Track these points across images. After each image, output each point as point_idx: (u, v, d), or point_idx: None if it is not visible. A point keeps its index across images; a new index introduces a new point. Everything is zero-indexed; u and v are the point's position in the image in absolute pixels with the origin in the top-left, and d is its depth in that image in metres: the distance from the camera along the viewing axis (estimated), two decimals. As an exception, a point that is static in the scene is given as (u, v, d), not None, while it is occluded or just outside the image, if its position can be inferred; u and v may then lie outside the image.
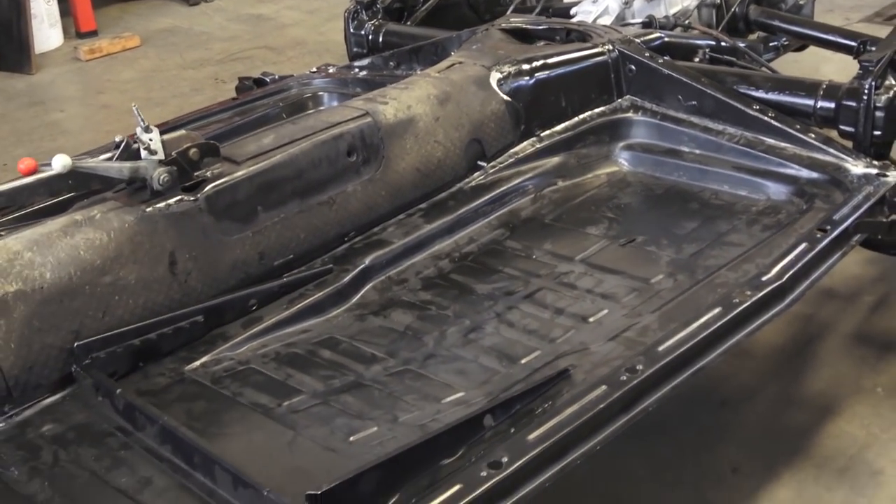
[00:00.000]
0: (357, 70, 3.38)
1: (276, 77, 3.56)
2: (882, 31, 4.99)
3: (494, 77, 2.69)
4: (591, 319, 2.10)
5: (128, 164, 2.01)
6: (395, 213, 2.47)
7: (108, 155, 2.05)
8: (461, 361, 2.01)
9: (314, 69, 3.52)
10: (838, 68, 4.22)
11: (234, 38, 5.85)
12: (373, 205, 2.43)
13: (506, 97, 2.68)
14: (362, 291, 2.26)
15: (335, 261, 2.31)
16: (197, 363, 2.00)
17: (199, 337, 2.05)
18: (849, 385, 2.64)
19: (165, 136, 2.09)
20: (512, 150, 2.70)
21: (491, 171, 2.65)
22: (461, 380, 1.95)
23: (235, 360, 2.02)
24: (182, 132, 2.17)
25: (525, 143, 2.72)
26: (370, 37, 3.53)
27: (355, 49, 3.58)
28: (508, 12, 3.53)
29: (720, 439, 2.51)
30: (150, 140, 2.04)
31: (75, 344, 1.89)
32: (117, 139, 2.06)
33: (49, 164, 1.95)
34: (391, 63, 3.31)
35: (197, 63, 5.50)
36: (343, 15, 3.66)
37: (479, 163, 2.64)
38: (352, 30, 3.56)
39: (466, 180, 2.62)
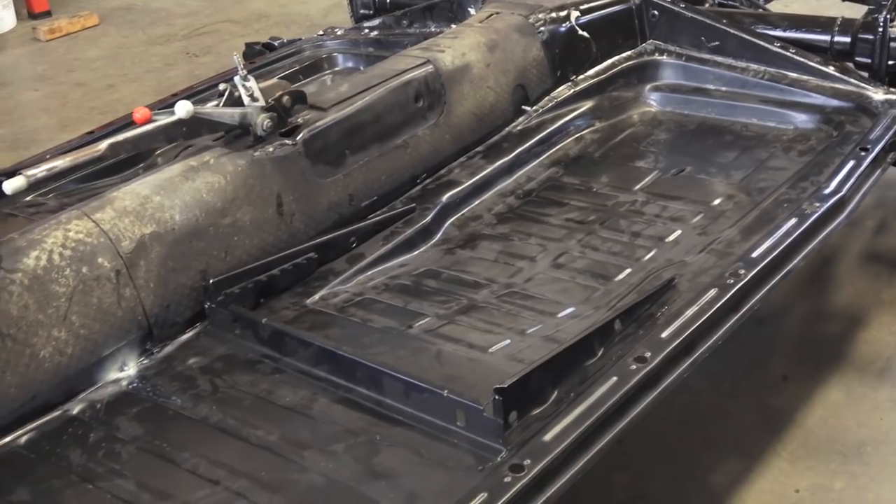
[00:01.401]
0: (367, 31, 3.47)
1: (285, 40, 3.62)
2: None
3: (532, 25, 2.83)
4: (667, 240, 2.27)
5: (238, 111, 2.09)
6: (457, 156, 2.60)
7: (215, 102, 2.12)
8: (560, 282, 2.15)
9: (321, 32, 3.59)
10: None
11: (195, 14, 5.84)
12: (439, 147, 2.54)
13: (543, 43, 2.82)
14: (444, 227, 2.38)
15: (414, 200, 2.42)
16: (316, 296, 2.09)
17: (311, 272, 2.15)
18: (870, 298, 2.87)
19: (261, 85, 2.16)
20: (551, 95, 2.84)
21: (534, 114, 2.79)
22: (566, 297, 2.09)
23: (350, 293, 2.12)
24: (273, 80, 2.25)
25: (561, 87, 2.87)
26: (377, -2, 3.61)
27: (362, 11, 3.65)
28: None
29: (766, 352, 2.71)
30: (252, 88, 2.11)
31: (211, 281, 1.96)
32: (221, 87, 2.13)
33: (167, 112, 2.01)
34: (404, 22, 3.41)
35: (162, 39, 5.48)
36: (348, -22, 3.74)
37: (524, 107, 2.78)
38: (357, -9, 3.64)
39: (514, 123, 2.75)
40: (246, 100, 2.12)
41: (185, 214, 1.98)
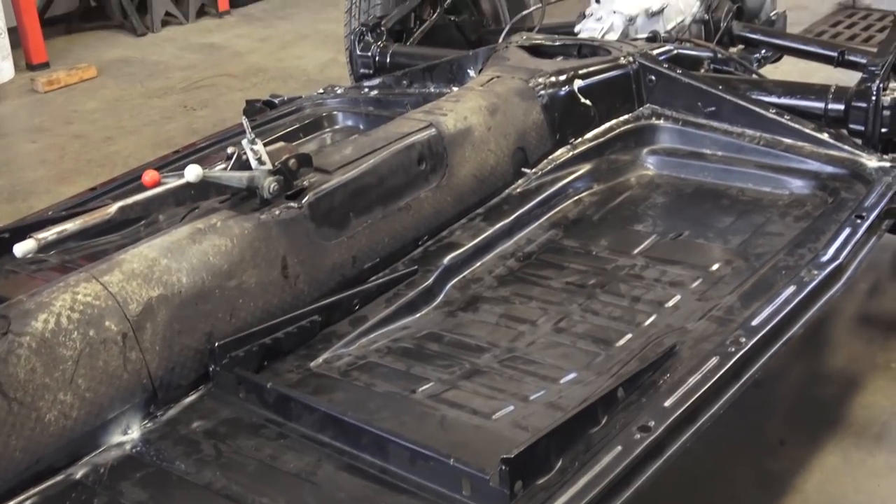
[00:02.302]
0: (367, 90, 3.52)
1: (286, 98, 3.67)
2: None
3: (532, 89, 2.88)
4: (667, 305, 2.29)
5: (246, 174, 2.11)
6: (458, 218, 2.62)
7: (223, 166, 2.14)
8: (562, 347, 2.17)
9: (321, 90, 3.64)
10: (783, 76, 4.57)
11: (192, 67, 5.89)
12: (441, 209, 2.57)
13: (543, 107, 2.87)
14: (446, 290, 2.40)
15: (414, 263, 2.44)
16: (319, 359, 2.10)
17: (314, 335, 2.16)
18: (865, 362, 2.90)
19: (268, 148, 2.19)
20: (550, 157, 2.88)
21: (534, 177, 2.82)
22: (568, 362, 2.10)
23: (353, 356, 2.13)
24: (280, 144, 2.27)
25: (561, 150, 2.91)
26: (377, 58, 3.67)
27: (362, 70, 3.71)
28: (504, 33, 3.72)
29: (763, 416, 2.72)
30: (259, 151, 2.14)
31: (216, 344, 1.97)
32: (229, 151, 2.16)
33: (175, 175, 2.03)
34: (404, 82, 3.46)
35: (160, 92, 5.52)
36: (347, 38, 3.80)
37: (524, 169, 2.82)
38: (358, 51, 3.69)
39: (514, 186, 2.78)
40: (254, 163, 2.15)
41: (191, 277, 1.99)
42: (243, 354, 2.01)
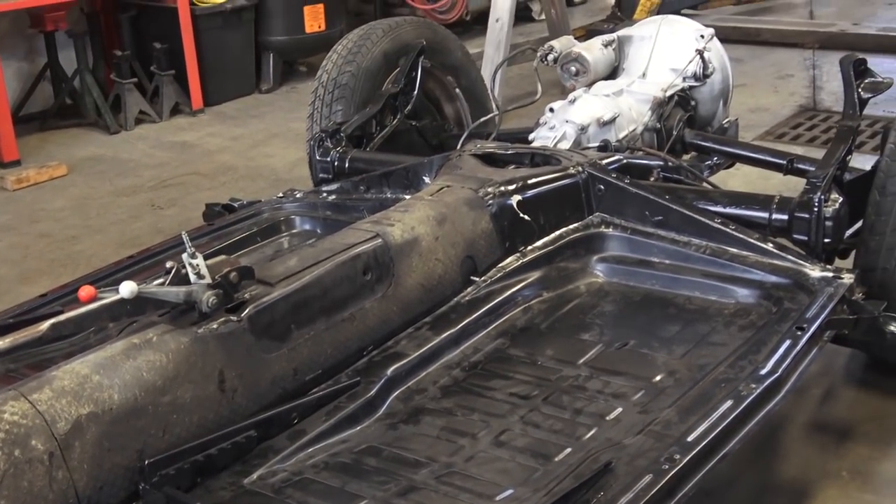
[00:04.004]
0: (325, 194, 3.56)
1: (245, 202, 3.70)
2: (776, 148, 5.48)
3: (482, 199, 2.91)
4: (608, 417, 2.29)
5: (183, 289, 2.12)
6: (404, 327, 2.63)
7: (161, 280, 2.15)
8: (500, 462, 2.16)
9: (281, 194, 3.68)
10: (742, 182, 4.66)
11: (163, 165, 5.94)
12: (386, 319, 2.58)
13: (492, 216, 2.90)
14: (388, 401, 2.40)
15: (359, 373, 2.44)
16: (254, 476, 2.08)
17: (251, 450, 2.14)
18: (816, 470, 2.89)
19: (209, 262, 2.21)
20: (500, 265, 2.90)
21: (483, 285, 2.84)
22: (505, 478, 2.10)
23: (289, 472, 2.11)
24: (222, 257, 2.29)
25: (510, 258, 2.93)
26: (336, 163, 3.71)
27: (321, 175, 3.75)
28: (462, 139, 3.79)
29: (713, 527, 2.70)
30: (199, 265, 2.16)
31: (146, 462, 1.95)
32: (168, 265, 2.17)
33: (111, 291, 2.04)
34: (361, 187, 3.51)
35: (129, 190, 5.56)
36: (308, 143, 3.85)
37: (473, 277, 2.84)
38: (318, 157, 3.74)
39: (462, 294, 2.80)
40: (193, 277, 2.16)
41: (124, 393, 1.99)
42: (174, 472, 1.99)
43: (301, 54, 7.71)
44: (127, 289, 2.00)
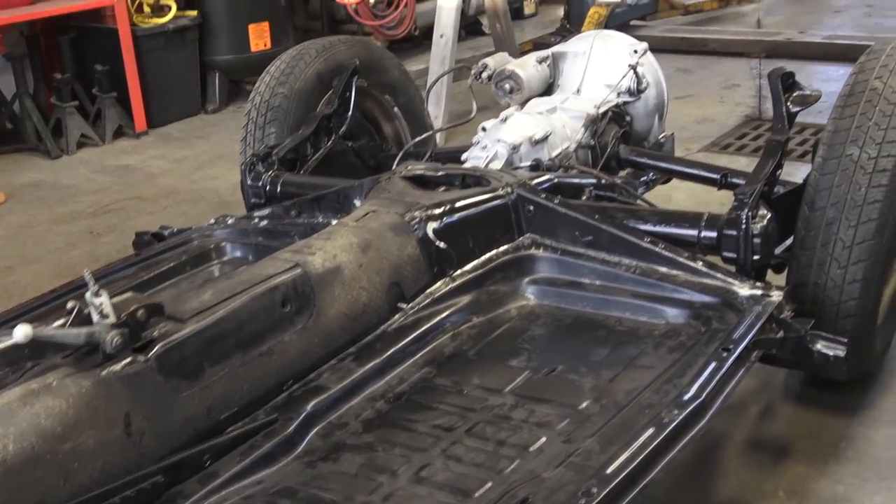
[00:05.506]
0: (257, 220, 3.49)
1: (175, 230, 3.63)
2: (720, 160, 5.51)
3: (408, 223, 2.86)
4: (531, 448, 2.24)
5: (84, 330, 2.05)
6: (327, 359, 2.56)
7: (62, 322, 2.08)
8: (419, 499, 2.10)
9: (212, 220, 3.60)
10: (687, 195, 4.66)
11: (104, 190, 5.84)
12: (307, 352, 2.51)
13: (419, 241, 2.85)
14: (307, 438, 2.33)
15: (277, 410, 2.37)
16: (161, 523, 2.01)
17: (159, 496, 2.07)
18: (753, 490, 2.85)
19: (114, 300, 2.13)
20: (428, 291, 2.85)
21: (410, 311, 2.78)
22: (423, 517, 2.04)
23: (198, 518, 2.05)
24: (129, 294, 2.21)
25: (439, 283, 2.87)
26: (268, 187, 3.65)
27: (253, 200, 3.68)
28: (397, 160, 3.74)
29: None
30: (102, 304, 2.08)
31: (43, 514, 1.88)
32: (69, 305, 2.09)
33: (4, 334, 1.96)
34: (293, 212, 3.44)
35: (68, 217, 5.46)
36: (239, 168, 3.78)
37: (400, 304, 2.78)
38: (249, 182, 3.67)
39: (389, 322, 2.74)
40: (95, 317, 2.09)
41: (20, 443, 1.91)
42: (73, 524, 1.91)
43: (247, 73, 7.62)
44: (21, 332, 1.92)
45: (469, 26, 9.13)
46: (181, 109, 7.19)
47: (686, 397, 2.25)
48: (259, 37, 7.36)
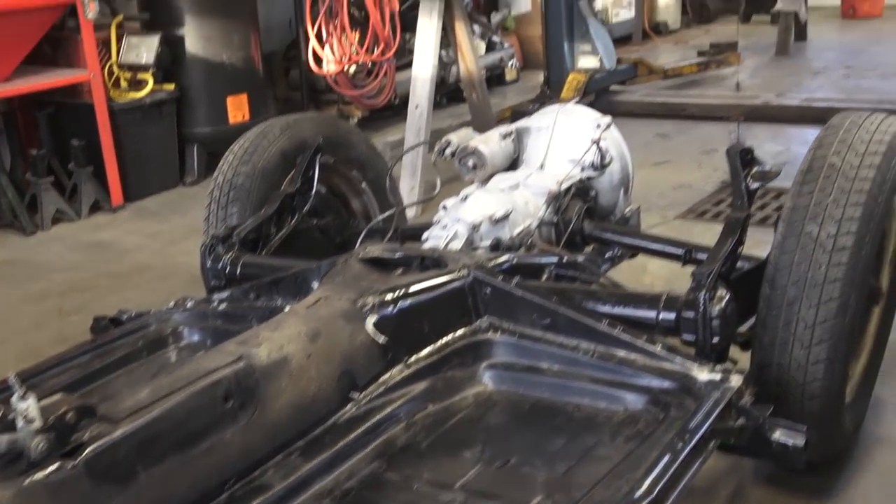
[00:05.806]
0: (216, 303, 3.43)
1: (133, 314, 3.56)
2: (696, 227, 5.48)
3: (360, 310, 2.80)
4: (477, 549, 2.16)
5: (5, 438, 1.97)
6: (273, 454, 2.48)
7: (-17, 428, 2.01)
8: None
9: (171, 304, 3.53)
10: (660, 265, 4.60)
11: (76, 268, 5.79)
12: (251, 448, 2.43)
13: (372, 328, 2.78)
14: (248, 541, 2.25)
15: (218, 511, 2.29)
16: None
17: None
18: (721, 582, 2.76)
19: (44, 402, 2.06)
20: (381, 379, 2.77)
21: (363, 401, 2.70)
22: None
23: None
24: (59, 396, 2.14)
25: (393, 370, 2.80)
26: (227, 269, 3.59)
27: (213, 282, 3.63)
28: (360, 237, 3.69)
29: None
30: (27, 408, 2.01)
31: None
32: (-8, 411, 2.02)
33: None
34: (251, 295, 3.38)
35: (38, 295, 5.39)
36: (199, 249, 3.73)
37: (352, 394, 2.70)
38: (209, 264, 3.62)
39: (340, 413, 2.66)
40: (20, 422, 2.01)
41: (-69, 561, 1.83)
42: None
43: (226, 145, 7.34)
44: (-65, 445, 1.85)
45: (450, 93, 9.18)
46: (159, 182, 7.17)
47: (637, 494, 2.17)
48: (238, 109, 7.38)
